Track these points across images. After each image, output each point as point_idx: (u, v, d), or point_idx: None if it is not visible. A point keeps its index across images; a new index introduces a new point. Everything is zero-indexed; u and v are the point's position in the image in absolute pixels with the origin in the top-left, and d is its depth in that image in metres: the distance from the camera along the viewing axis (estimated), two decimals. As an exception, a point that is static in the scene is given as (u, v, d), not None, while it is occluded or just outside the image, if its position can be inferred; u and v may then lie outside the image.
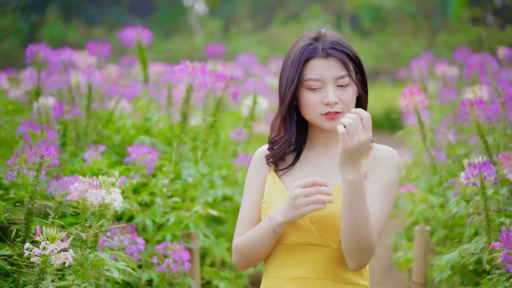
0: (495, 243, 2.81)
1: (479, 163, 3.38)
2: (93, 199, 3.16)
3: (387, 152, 2.70)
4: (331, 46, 2.64)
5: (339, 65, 2.64)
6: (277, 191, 2.72)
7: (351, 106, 2.68)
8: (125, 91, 5.19)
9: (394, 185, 2.66)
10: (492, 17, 20.55)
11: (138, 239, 3.57)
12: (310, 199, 2.49)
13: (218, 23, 19.16)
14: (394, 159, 2.69)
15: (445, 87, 7.93)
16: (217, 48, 7.97)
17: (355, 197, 2.49)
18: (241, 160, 4.84)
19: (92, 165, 3.90)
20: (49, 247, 2.80)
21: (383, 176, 2.65)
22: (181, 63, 3.93)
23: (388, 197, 2.64)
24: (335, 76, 2.64)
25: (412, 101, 4.37)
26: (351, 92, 2.67)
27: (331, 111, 2.65)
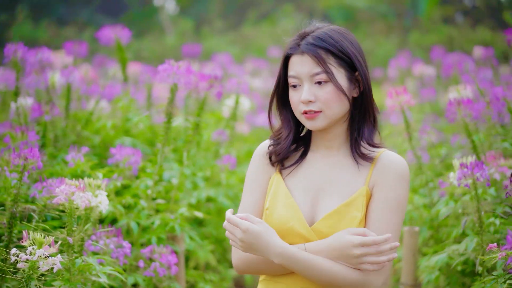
0: (492, 245, 2.77)
1: (472, 164, 3.35)
2: (79, 202, 3.07)
3: (395, 163, 2.60)
4: (309, 42, 2.57)
5: (314, 62, 2.55)
6: (281, 198, 2.63)
7: (332, 105, 2.57)
8: (104, 91, 5.08)
9: (403, 199, 2.57)
10: (462, 17, 20.68)
11: (124, 242, 3.49)
12: (367, 259, 2.46)
13: (189, 22, 19.04)
14: (402, 170, 2.58)
15: (422, 86, 7.94)
16: (193, 48, 7.90)
17: (299, 269, 2.48)
18: (225, 161, 4.77)
19: (75, 167, 3.80)
20: (37, 252, 2.71)
21: (390, 191, 2.56)
22: (166, 63, 3.85)
23: (397, 214, 2.55)
24: (310, 72, 2.56)
25: (398, 101, 4.34)
26: (330, 90, 2.56)
27: (307, 110, 2.57)
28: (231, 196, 4.77)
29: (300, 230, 2.57)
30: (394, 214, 2.54)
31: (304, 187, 2.65)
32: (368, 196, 2.58)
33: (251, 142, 6.41)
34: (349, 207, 2.56)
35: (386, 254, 2.46)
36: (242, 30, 18.28)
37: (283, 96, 2.69)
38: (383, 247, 2.45)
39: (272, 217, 2.62)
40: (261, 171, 2.73)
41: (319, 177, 2.65)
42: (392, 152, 2.63)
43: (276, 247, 2.50)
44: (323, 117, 2.58)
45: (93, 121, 4.99)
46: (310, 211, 2.61)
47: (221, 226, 4.73)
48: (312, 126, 2.60)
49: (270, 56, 10.24)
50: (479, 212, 3.39)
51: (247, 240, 2.53)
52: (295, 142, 2.72)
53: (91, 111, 4.90)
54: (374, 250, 2.45)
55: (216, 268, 4.75)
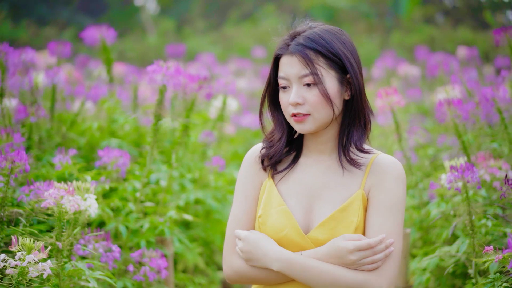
0: (488, 247, 2.74)
1: (462, 167, 3.32)
2: (68, 206, 3.01)
3: (390, 165, 2.53)
4: (298, 42, 2.50)
5: (302, 63, 2.48)
6: (274, 205, 2.57)
7: (319, 108, 2.50)
8: (90, 92, 5.01)
9: (401, 200, 2.52)
10: (442, 17, 20.76)
11: (113, 246, 3.43)
12: (365, 261, 2.43)
13: (171, 22, 18.96)
14: (398, 172, 2.52)
15: (407, 87, 7.93)
16: (177, 48, 7.83)
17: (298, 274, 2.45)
18: (214, 162, 4.71)
19: (63, 169, 3.73)
20: (27, 258, 2.65)
21: (388, 194, 2.51)
22: (154, 63, 3.79)
23: (397, 215, 2.50)
24: (298, 74, 2.49)
25: (388, 102, 4.31)
26: (318, 92, 2.49)
27: (295, 112, 2.51)
28: (219, 198, 4.71)
29: (295, 238, 2.51)
30: (394, 215, 2.49)
31: (298, 193, 2.59)
32: (365, 200, 2.52)
33: (237, 143, 6.37)
34: (344, 212, 2.50)
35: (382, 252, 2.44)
36: (224, 30, 18.22)
37: (275, 97, 2.63)
38: (378, 248, 2.43)
39: (266, 225, 2.56)
40: (253, 177, 2.66)
41: (312, 182, 2.59)
42: (387, 155, 2.57)
43: (274, 252, 2.47)
44: (311, 120, 2.52)
45: (78, 123, 4.92)
46: (304, 218, 2.55)
47: (209, 228, 4.68)
48: (301, 129, 2.54)
49: (254, 56, 10.19)
50: (471, 214, 3.36)
51: (246, 248, 2.50)
52: (287, 145, 2.66)
53: (76, 113, 4.83)
54: (370, 252, 2.42)
55: (204, 271, 4.69)
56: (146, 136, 5.03)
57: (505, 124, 4.30)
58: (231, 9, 20.42)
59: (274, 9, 18.91)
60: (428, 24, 18.45)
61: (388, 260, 2.46)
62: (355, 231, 2.49)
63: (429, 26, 17.94)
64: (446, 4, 21.39)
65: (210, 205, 4.56)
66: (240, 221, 2.62)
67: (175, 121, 4.17)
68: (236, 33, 17.47)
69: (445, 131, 5.78)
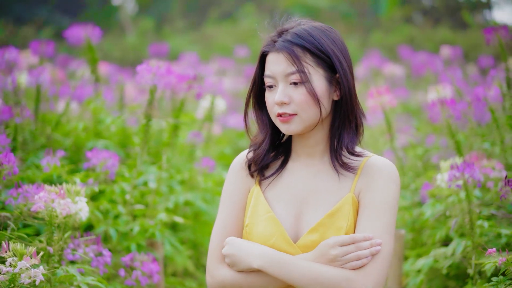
0: (491, 250, 2.70)
1: (462, 165, 3.28)
2: (59, 209, 2.92)
3: (382, 166, 2.43)
4: (285, 39, 2.40)
5: (289, 60, 2.38)
6: (261, 212, 2.47)
7: (306, 108, 2.39)
8: (76, 92, 4.91)
9: (392, 201, 2.40)
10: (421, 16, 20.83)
11: (104, 250, 3.34)
12: (349, 257, 2.33)
13: (150, 22, 18.83)
14: (389, 172, 2.42)
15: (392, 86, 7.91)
16: (160, 48, 7.74)
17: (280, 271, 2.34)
18: (204, 163, 4.63)
19: (51, 172, 3.64)
20: (18, 264, 2.56)
21: (379, 195, 2.39)
22: (145, 63, 3.71)
23: (387, 217, 2.38)
24: (284, 72, 2.39)
25: (379, 101, 4.27)
26: (304, 91, 2.38)
27: (281, 112, 2.40)
28: (208, 200, 4.63)
29: (283, 247, 2.41)
30: (383, 216, 2.37)
31: (286, 199, 2.48)
32: (355, 203, 2.41)
33: (224, 144, 6.29)
34: (333, 217, 2.40)
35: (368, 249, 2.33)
36: (204, 29, 18.13)
37: (260, 97, 2.53)
38: (363, 244, 2.33)
39: (252, 234, 2.46)
40: (240, 184, 2.56)
41: (301, 188, 2.48)
42: (380, 157, 2.47)
43: (257, 249, 2.38)
44: (298, 121, 2.41)
45: (63, 124, 4.82)
46: (293, 226, 2.44)
47: (198, 230, 4.60)
48: (287, 130, 2.43)
49: (237, 56, 10.12)
50: (471, 214, 3.32)
51: (231, 251, 2.41)
52: (274, 149, 2.56)
53: (62, 113, 4.72)
54: (354, 247, 2.32)
55: (194, 275, 4.61)
56: (132, 137, 4.95)
57: (497, 124, 4.27)
58: (211, 8, 20.33)
59: (254, 9, 18.85)
60: (407, 24, 18.50)
61: (376, 260, 2.34)
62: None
63: (408, 26, 17.98)
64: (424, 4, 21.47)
65: (199, 207, 4.47)
66: (226, 230, 2.51)
67: (161, 122, 4.07)
68: (216, 33, 17.40)
69: (434, 131, 5.76)
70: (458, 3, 20.39)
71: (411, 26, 18.11)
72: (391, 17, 18.52)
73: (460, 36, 16.24)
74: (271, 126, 2.53)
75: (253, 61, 10.30)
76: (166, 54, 7.75)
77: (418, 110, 7.33)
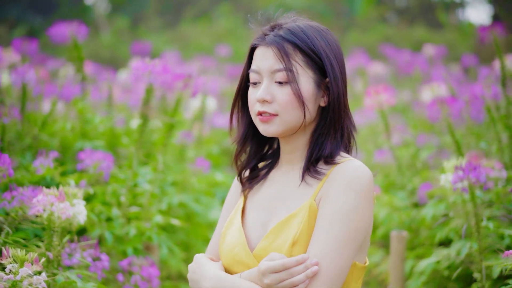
0: (508, 252, 2.62)
1: (468, 167, 3.20)
2: (59, 213, 2.80)
3: (344, 172, 2.18)
4: (277, 34, 2.24)
5: (277, 56, 2.22)
6: (234, 223, 2.35)
7: (288, 110, 2.22)
8: (63, 91, 4.77)
9: (349, 211, 2.14)
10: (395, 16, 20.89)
11: (101, 255, 3.21)
12: (283, 285, 2.11)
13: (125, 20, 18.65)
14: (352, 179, 2.16)
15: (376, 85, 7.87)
16: (143, 46, 7.62)
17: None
18: (198, 164, 4.51)
19: (44, 174, 3.50)
20: (20, 271, 2.43)
21: (332, 205, 2.15)
22: (140, 61, 3.60)
23: (340, 228, 2.12)
24: (271, 68, 2.24)
25: (377, 100, 4.19)
26: (289, 91, 2.21)
27: (261, 111, 2.24)
28: (202, 201, 4.52)
29: (243, 257, 2.27)
30: (334, 230, 2.12)
31: (259, 209, 2.35)
32: (314, 211, 2.19)
33: (211, 144, 6.18)
34: (286, 225, 2.21)
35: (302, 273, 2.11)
36: (180, 28, 17.99)
37: (245, 95, 2.38)
38: (296, 269, 2.10)
39: (223, 244, 2.34)
40: (234, 196, 2.46)
41: (274, 196, 2.33)
42: (352, 162, 2.21)
43: (210, 272, 2.24)
44: (278, 122, 2.24)
45: (50, 124, 4.67)
46: (259, 235, 2.29)
47: (191, 232, 4.49)
48: (265, 131, 2.26)
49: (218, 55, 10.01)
50: (477, 216, 3.24)
51: (192, 268, 2.30)
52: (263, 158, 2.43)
53: (49, 113, 4.58)
54: (286, 274, 2.10)
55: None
56: (120, 138, 4.83)
57: (494, 123, 4.22)
58: (186, 7, 20.20)
59: (230, 8, 18.76)
60: (383, 24, 18.53)
61: (315, 283, 2.11)
62: (293, 246, 2.17)
63: (384, 26, 18.02)
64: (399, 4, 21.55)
65: (193, 209, 4.36)
66: (215, 241, 2.43)
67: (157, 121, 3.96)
68: (192, 32, 17.27)
69: (425, 130, 5.71)
70: (432, 3, 20.49)
71: (387, 26, 18.15)
72: (367, 16, 18.55)
73: (437, 35, 16.31)
74: (247, 123, 2.38)
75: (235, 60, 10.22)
76: (148, 52, 7.61)
77: (404, 109, 7.29)
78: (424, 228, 4.24)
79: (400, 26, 18.46)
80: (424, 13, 20.57)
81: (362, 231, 2.16)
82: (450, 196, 3.65)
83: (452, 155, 4.78)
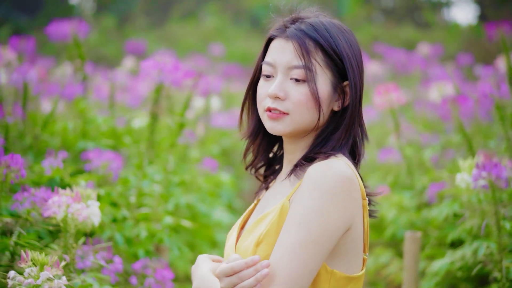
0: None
1: (489, 164, 3.16)
2: (76, 214, 2.73)
3: (312, 171, 2.03)
4: (299, 27, 2.11)
5: (297, 52, 2.10)
6: (236, 225, 2.30)
7: (302, 110, 2.10)
8: (65, 90, 4.68)
9: (307, 217, 1.99)
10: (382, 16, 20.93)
11: (115, 257, 3.14)
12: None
13: (111, 20, 18.52)
14: (315, 179, 2.01)
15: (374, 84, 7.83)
16: (138, 45, 7.53)
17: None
18: (206, 164, 4.44)
19: (53, 174, 3.42)
20: (41, 275, 2.35)
21: (296, 206, 2.02)
22: (151, 59, 3.53)
23: (297, 231, 1.98)
24: (288, 64, 2.11)
25: (388, 99, 4.13)
26: (306, 91, 2.09)
27: (272, 107, 2.11)
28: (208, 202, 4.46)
29: (229, 251, 2.21)
30: (294, 229, 1.99)
31: (259, 208, 2.28)
32: (286, 211, 2.09)
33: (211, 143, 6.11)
34: (259, 223, 2.13)
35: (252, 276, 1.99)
36: (168, 28, 17.91)
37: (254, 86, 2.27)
38: (245, 272, 1.98)
39: (225, 246, 2.31)
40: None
41: (270, 196, 2.26)
42: (328, 161, 2.07)
43: (199, 271, 2.16)
44: (288, 121, 2.12)
45: (51, 123, 4.59)
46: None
47: (197, 233, 4.42)
48: (272, 128, 2.14)
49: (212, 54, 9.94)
50: (497, 215, 3.19)
51: (192, 268, 2.23)
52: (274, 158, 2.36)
53: (51, 112, 4.49)
54: (236, 278, 1.99)
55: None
56: (122, 137, 4.75)
57: (503, 121, 4.18)
58: (173, 7, 20.11)
59: (218, 7, 18.69)
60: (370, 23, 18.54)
61: (269, 287, 1.99)
62: (257, 246, 2.08)
63: (371, 25, 18.03)
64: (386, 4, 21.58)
65: (200, 209, 4.29)
66: None
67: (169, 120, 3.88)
68: (179, 31, 17.19)
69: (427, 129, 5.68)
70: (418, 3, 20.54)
71: (374, 26, 18.16)
72: (354, 16, 18.55)
73: (425, 35, 16.35)
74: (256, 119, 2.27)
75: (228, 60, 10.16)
76: (142, 51, 7.52)
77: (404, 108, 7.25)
78: (433, 228, 4.19)
79: (387, 26, 18.48)
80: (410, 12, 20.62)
81: (328, 234, 1.99)
82: (463, 196, 3.60)
83: (457, 155, 4.75)
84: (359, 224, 2.08)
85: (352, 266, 2.10)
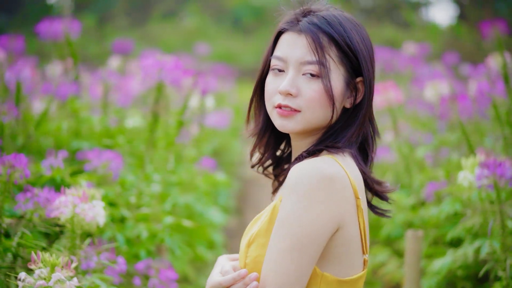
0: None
1: (493, 163, 3.16)
2: (83, 215, 2.69)
3: (294, 170, 1.96)
4: (312, 21, 2.02)
5: (311, 47, 2.01)
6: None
7: (315, 107, 2.01)
8: (58, 90, 4.62)
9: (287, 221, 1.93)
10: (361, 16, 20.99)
11: (118, 258, 3.09)
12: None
13: (91, 19, 18.41)
14: (293, 182, 1.94)
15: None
16: (124, 45, 7.47)
17: None
18: (204, 164, 4.41)
19: (54, 174, 3.37)
20: (53, 277, 2.31)
21: (281, 209, 1.96)
22: (151, 57, 3.49)
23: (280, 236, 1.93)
24: (300, 59, 2.02)
25: (386, 98, 4.13)
26: (319, 87, 1.99)
27: (282, 104, 2.02)
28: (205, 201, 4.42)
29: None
30: (277, 236, 1.95)
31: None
32: (276, 212, 2.03)
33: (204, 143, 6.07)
34: (254, 224, 2.11)
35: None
36: (148, 27, 17.84)
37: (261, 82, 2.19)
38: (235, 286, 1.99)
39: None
40: None
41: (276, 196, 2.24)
42: (307, 161, 2.00)
43: (212, 276, 2.11)
44: (300, 119, 2.04)
45: (45, 123, 4.53)
46: None
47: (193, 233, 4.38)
48: (283, 126, 2.06)
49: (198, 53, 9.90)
50: (502, 214, 3.19)
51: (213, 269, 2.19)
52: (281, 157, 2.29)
53: (44, 112, 4.43)
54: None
55: (193, 282, 4.38)
56: (116, 137, 4.70)
57: (500, 120, 4.19)
58: (154, 6, 20.03)
59: (198, 7, 18.65)
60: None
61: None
62: (248, 247, 2.05)
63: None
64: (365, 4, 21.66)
65: (196, 209, 4.25)
66: None
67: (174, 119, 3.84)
68: (160, 30, 17.13)
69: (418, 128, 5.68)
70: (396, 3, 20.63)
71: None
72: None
73: (405, 34, 16.43)
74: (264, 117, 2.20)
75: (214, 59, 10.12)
76: (130, 50, 7.47)
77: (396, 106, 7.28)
78: (430, 227, 4.19)
79: (367, 25, 18.56)
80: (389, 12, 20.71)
81: (313, 236, 1.92)
82: (464, 194, 3.60)
83: (452, 153, 4.75)
84: (352, 224, 2.00)
85: (345, 268, 2.02)
